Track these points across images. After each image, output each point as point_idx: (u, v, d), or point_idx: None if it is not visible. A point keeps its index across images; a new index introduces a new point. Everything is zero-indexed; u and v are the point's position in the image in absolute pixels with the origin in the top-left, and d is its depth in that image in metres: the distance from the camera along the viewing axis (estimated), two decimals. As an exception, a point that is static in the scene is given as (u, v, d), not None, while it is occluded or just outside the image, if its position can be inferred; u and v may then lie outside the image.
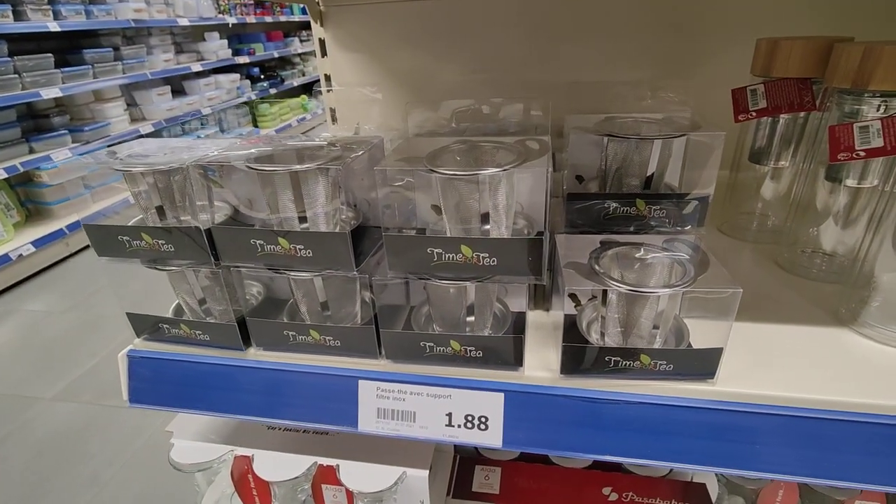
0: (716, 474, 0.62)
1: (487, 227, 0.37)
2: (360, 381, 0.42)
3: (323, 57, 0.89)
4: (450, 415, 0.41)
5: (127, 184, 0.42)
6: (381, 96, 0.89)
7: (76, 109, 3.00)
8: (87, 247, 2.58)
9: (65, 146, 2.74)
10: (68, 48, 2.92)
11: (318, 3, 0.84)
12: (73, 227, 2.55)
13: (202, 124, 4.12)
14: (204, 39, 4.03)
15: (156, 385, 0.48)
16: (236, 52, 4.37)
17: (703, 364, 0.38)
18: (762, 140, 0.59)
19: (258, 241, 0.39)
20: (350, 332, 0.42)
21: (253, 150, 0.42)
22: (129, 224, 0.43)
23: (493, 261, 0.36)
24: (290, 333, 0.43)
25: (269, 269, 0.41)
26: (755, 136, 0.59)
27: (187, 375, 0.47)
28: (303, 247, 0.38)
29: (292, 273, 0.41)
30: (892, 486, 0.40)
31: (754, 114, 0.53)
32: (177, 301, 0.48)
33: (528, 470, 0.61)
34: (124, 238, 0.41)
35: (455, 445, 0.64)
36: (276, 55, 4.80)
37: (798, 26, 0.73)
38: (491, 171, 0.34)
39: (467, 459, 0.63)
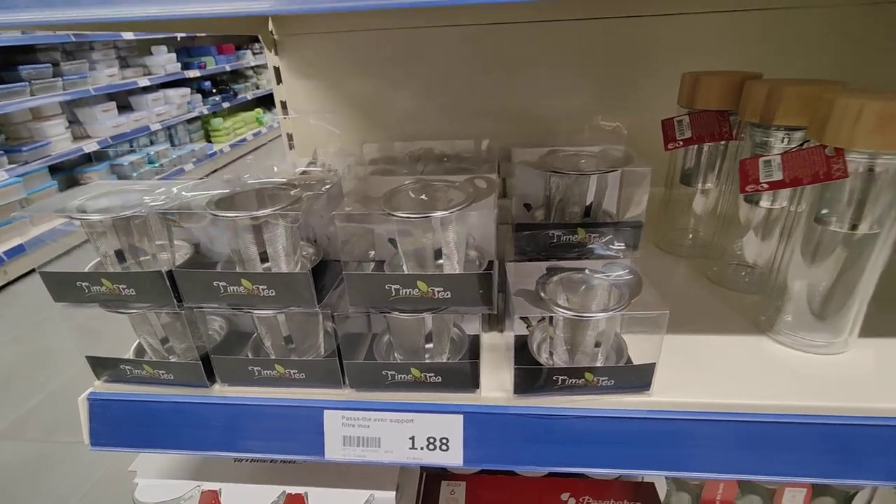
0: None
1: (441, 261, 0.40)
2: (326, 411, 0.44)
3: (278, 84, 0.90)
4: (413, 438, 0.44)
5: (85, 230, 0.42)
6: (338, 125, 0.91)
7: (13, 128, 2.85)
8: (28, 273, 2.44)
9: (1, 167, 2.59)
10: (2, 65, 2.77)
11: (271, 32, 0.85)
12: (12, 253, 2.41)
13: (151, 141, 3.98)
14: (150, 53, 3.91)
15: (119, 427, 0.48)
16: (186, 66, 4.26)
17: (640, 377, 0.42)
18: (691, 164, 0.65)
19: (221, 283, 0.41)
20: (314, 364, 0.44)
21: (213, 193, 0.43)
22: (88, 269, 0.43)
23: (448, 294, 0.39)
24: (255, 368, 0.44)
25: (233, 308, 0.43)
26: (685, 161, 0.65)
27: (151, 415, 0.47)
28: (265, 287, 0.40)
29: (255, 311, 0.42)
30: (812, 478, 0.45)
31: (681, 142, 0.59)
32: (138, 341, 0.48)
33: (492, 482, 0.64)
34: (83, 284, 0.42)
35: (421, 463, 0.66)
36: (228, 68, 4.71)
37: (724, 61, 0.81)
38: (441, 213, 0.37)
39: (433, 476, 0.65)
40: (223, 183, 0.46)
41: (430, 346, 0.45)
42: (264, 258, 0.42)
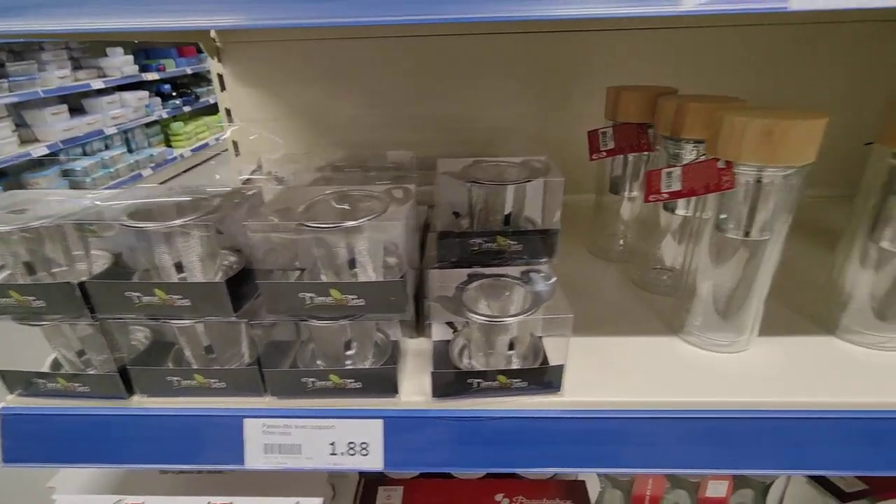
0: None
1: (356, 270, 0.41)
2: (246, 420, 0.44)
3: (222, 91, 0.89)
4: (333, 444, 0.44)
5: (-9, 241, 0.41)
6: (283, 133, 0.91)
7: (-47, 132, 2.71)
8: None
9: (-62, 172, 2.46)
10: (-59, 65, 2.64)
11: (213, 39, 0.85)
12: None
13: (107, 145, 3.85)
14: (106, 55, 3.79)
15: (33, 442, 0.47)
16: (144, 69, 4.14)
17: (550, 379, 0.44)
18: (618, 173, 0.68)
19: (135, 294, 0.41)
20: (234, 373, 0.44)
21: (130, 203, 0.43)
22: (-4, 281, 0.42)
23: (362, 301, 0.40)
24: (174, 379, 0.44)
25: (150, 318, 0.43)
26: (612, 170, 0.68)
27: (68, 429, 0.46)
28: (180, 296, 0.40)
29: (172, 322, 0.42)
30: (715, 469, 0.48)
31: (605, 153, 0.62)
32: (54, 354, 0.47)
33: (428, 486, 0.65)
34: (-11, 296, 0.41)
35: (359, 469, 0.67)
36: (189, 71, 4.60)
37: (653, 75, 0.85)
38: (349, 223, 0.38)
39: (371, 481, 0.66)
40: (145, 192, 0.46)
41: (350, 352, 0.46)
42: (181, 270, 0.42)
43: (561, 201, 0.48)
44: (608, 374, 0.48)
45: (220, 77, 0.88)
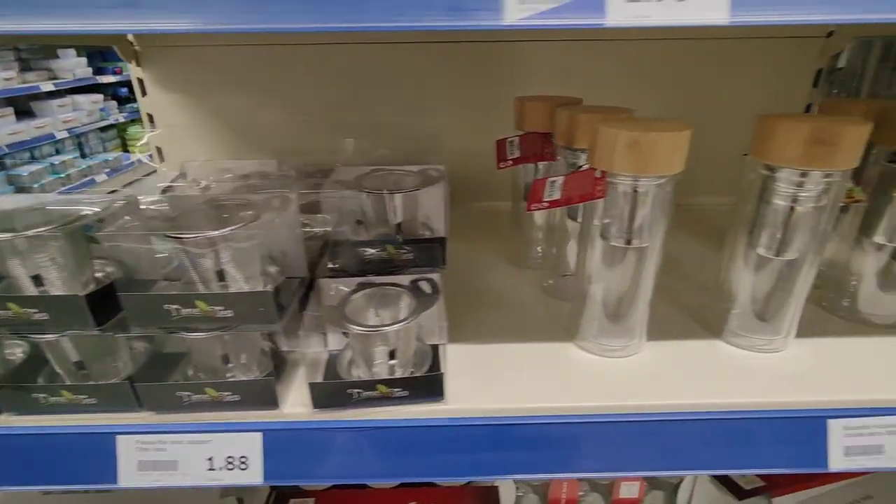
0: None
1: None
2: (118, 437, 0.43)
3: (143, 96, 0.87)
4: (211, 459, 0.43)
5: None
6: (208, 139, 0.90)
7: None
8: None
9: None
10: None
11: (131, 43, 0.83)
12: None
13: (57, 150, 3.71)
14: (57, 56, 3.66)
15: None
16: (100, 71, 4.02)
17: (432, 387, 0.44)
18: (529, 181, 0.69)
19: (-12, 307, 0.39)
20: (105, 388, 0.43)
21: (-7, 212, 0.42)
22: None
23: (230, 312, 0.39)
24: (40, 395, 0.42)
25: (12, 332, 0.41)
26: (524, 178, 0.69)
27: (-72, 451, 0.44)
28: (36, 310, 0.39)
29: (33, 336, 0.41)
30: (607, 472, 0.49)
31: (511, 162, 0.63)
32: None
33: (341, 496, 0.64)
34: None
35: (270, 482, 0.65)
36: (147, 75, 4.47)
37: (575, 85, 0.87)
38: (203, 234, 0.37)
39: (282, 494, 0.64)
40: (12, 202, 0.44)
41: (231, 364, 0.45)
42: (41, 282, 0.40)
43: (447, 210, 0.49)
44: (501, 380, 0.49)
45: (141, 82, 0.86)
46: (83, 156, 3.92)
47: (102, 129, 4.10)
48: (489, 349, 0.53)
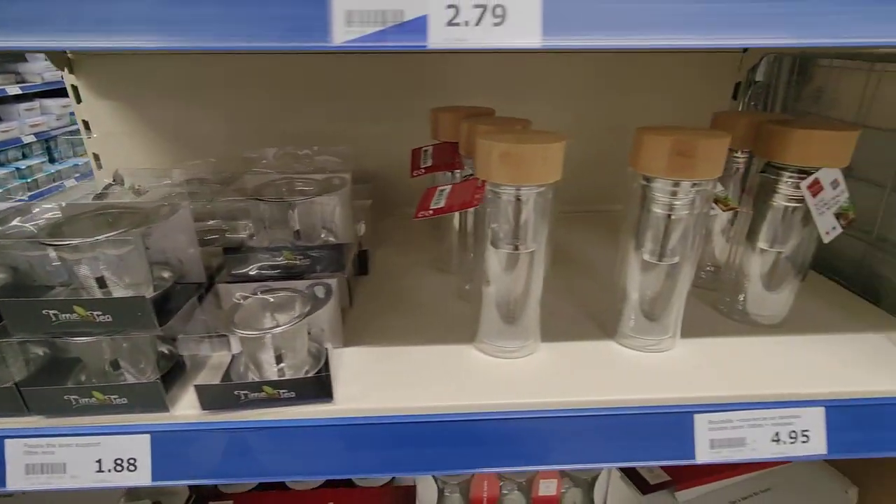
0: (432, 475, 0.72)
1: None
2: (6, 440, 0.44)
3: (78, 103, 0.87)
4: (100, 461, 0.44)
5: None
6: (147, 146, 0.90)
7: None
8: None
9: None
10: None
11: (64, 51, 0.83)
12: None
13: (24, 154, 3.65)
14: (25, 60, 3.60)
15: None
16: (69, 75, 3.94)
17: (319, 388, 0.46)
18: (451, 188, 0.71)
19: None
20: (-9, 393, 0.43)
21: None
22: None
23: (108, 318, 0.41)
24: (-74, 401, 0.43)
25: None
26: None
27: None
28: (-86, 316, 0.39)
29: (-85, 341, 0.41)
30: (494, 467, 0.51)
31: (423, 170, 0.65)
32: None
33: (259, 498, 0.65)
34: None
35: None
36: (119, 79, 4.42)
37: (500, 97, 0.90)
38: (67, 242, 0.38)
39: (201, 496, 0.65)
40: None
41: (120, 369, 0.46)
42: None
43: (349, 216, 0.51)
44: (398, 382, 0.50)
45: (75, 89, 0.86)
46: (52, 160, 3.85)
47: (72, 134, 4.04)
48: (393, 352, 0.55)
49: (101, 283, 0.41)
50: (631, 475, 0.68)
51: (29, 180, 3.52)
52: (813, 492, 0.67)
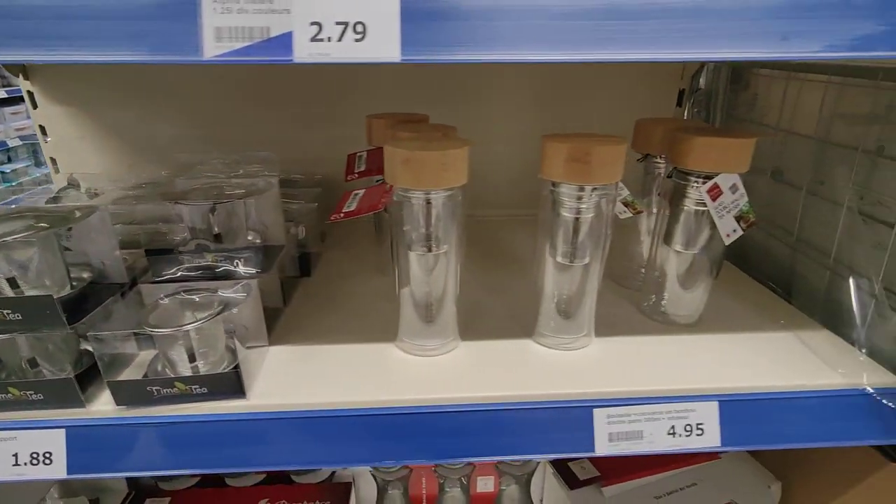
0: (370, 471, 0.73)
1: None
2: (-74, 435, 0.45)
3: (34, 109, 0.89)
4: (16, 455, 0.46)
5: None
6: (103, 151, 0.92)
7: None
8: None
9: None
10: None
11: (19, 57, 0.85)
12: None
13: (10, 157, 3.66)
14: (10, 63, 3.61)
15: None
16: (55, 78, 3.96)
17: (231, 384, 0.47)
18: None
19: None
20: (-89, 389, 0.45)
21: None
22: None
23: (18, 316, 0.42)
24: None
25: None
26: (384, 190, 0.74)
27: None
28: None
29: None
30: (421, 460, 0.52)
31: (357, 175, 0.67)
32: None
33: (198, 495, 0.67)
34: None
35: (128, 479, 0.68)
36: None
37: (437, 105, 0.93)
38: None
39: (139, 493, 0.67)
40: None
41: (36, 368, 0.48)
42: None
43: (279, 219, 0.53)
44: (317, 379, 0.52)
45: (31, 94, 0.88)
46: (38, 164, 3.86)
47: (59, 137, 4.04)
48: (317, 350, 0.57)
49: (13, 283, 0.43)
50: (561, 470, 0.70)
51: (14, 184, 3.52)
52: (737, 487, 0.69)
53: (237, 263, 0.53)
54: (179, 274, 0.52)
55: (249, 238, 0.58)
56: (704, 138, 0.52)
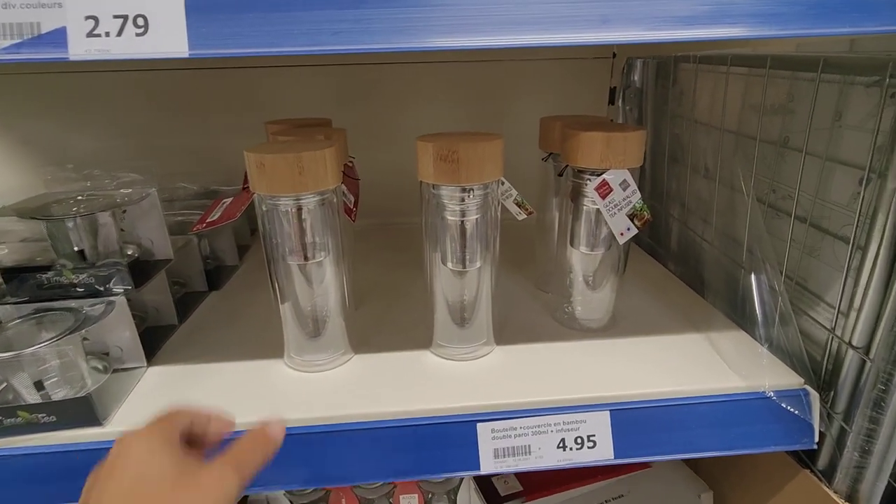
0: (284, 494, 0.70)
1: None
2: None
3: (-55, 124, 0.86)
4: None
5: None
6: (17, 165, 0.89)
7: None
8: None
9: None
10: None
11: (-77, 74, 0.82)
12: None
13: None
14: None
15: None
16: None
17: (85, 412, 0.44)
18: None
19: None
20: None
21: None
22: None
23: None
24: None
25: None
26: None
27: None
28: None
29: None
30: (303, 485, 0.49)
31: (255, 184, 0.64)
32: None
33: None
34: None
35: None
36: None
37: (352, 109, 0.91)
38: None
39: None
40: None
41: None
42: None
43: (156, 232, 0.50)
44: (193, 400, 0.49)
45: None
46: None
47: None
48: (201, 369, 0.54)
49: None
50: (483, 486, 0.66)
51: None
52: (667, 497, 0.66)
53: (105, 281, 0.50)
54: (36, 294, 0.49)
55: (130, 253, 0.55)
56: (589, 133, 0.50)
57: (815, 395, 0.47)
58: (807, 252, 0.53)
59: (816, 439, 0.47)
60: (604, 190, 0.50)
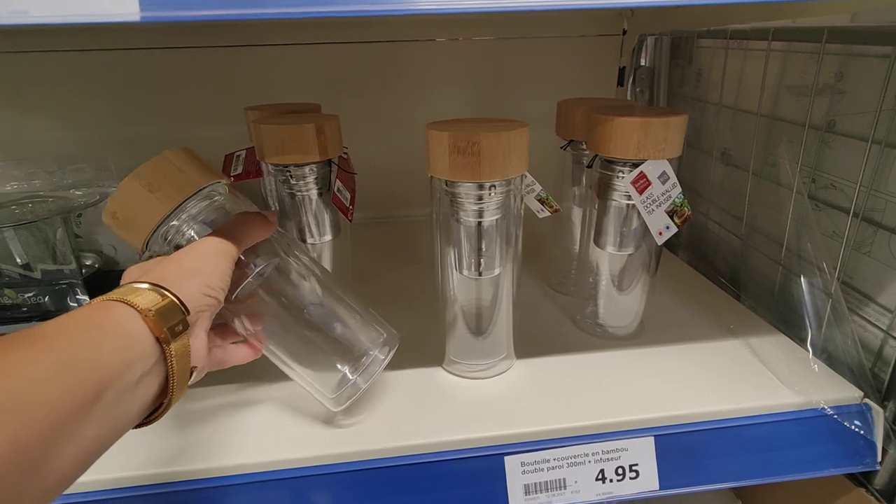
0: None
1: None
2: None
3: None
4: None
5: None
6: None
7: None
8: None
9: None
10: None
11: None
12: None
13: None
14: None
15: None
16: None
17: None
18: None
19: None
20: None
21: None
22: None
23: None
24: None
25: None
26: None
27: None
28: None
29: None
30: None
31: (233, 178, 0.56)
32: None
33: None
34: None
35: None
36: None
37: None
38: None
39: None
40: None
41: None
42: None
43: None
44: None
45: None
46: None
47: None
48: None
49: None
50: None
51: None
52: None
53: (59, 299, 0.42)
54: (-22, 317, 0.41)
55: (88, 263, 0.47)
56: (625, 119, 0.43)
57: (878, 411, 0.42)
58: (855, 248, 0.48)
59: (879, 459, 0.42)
60: (641, 184, 0.44)
